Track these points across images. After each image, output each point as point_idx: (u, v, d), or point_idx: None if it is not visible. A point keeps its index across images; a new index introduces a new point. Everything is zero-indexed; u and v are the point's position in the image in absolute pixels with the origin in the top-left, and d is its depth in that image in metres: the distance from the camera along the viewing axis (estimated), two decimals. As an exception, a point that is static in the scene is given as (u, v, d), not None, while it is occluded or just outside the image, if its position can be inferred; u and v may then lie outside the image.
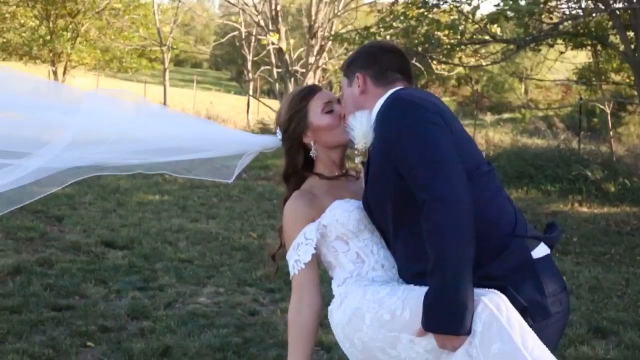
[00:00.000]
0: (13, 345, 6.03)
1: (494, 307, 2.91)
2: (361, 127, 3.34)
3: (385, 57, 3.46)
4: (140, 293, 7.65)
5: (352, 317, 3.23)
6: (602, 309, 7.88)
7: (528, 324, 2.98)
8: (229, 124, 24.95)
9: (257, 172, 15.65)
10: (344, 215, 3.37)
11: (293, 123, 3.57)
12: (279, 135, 3.65)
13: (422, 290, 3.02)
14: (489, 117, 29.92)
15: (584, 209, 13.69)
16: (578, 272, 9.34)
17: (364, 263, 3.37)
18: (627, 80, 19.96)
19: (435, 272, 2.94)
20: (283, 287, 7.95)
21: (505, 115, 34.42)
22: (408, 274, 3.24)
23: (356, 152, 3.41)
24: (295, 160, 3.61)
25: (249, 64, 29.87)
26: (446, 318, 2.92)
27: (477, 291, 2.96)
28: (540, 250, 3.22)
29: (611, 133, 19.23)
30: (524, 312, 3.00)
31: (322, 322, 3.52)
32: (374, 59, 3.45)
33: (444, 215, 2.93)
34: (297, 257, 3.40)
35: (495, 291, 2.98)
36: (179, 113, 4.11)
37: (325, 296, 3.40)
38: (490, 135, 21.36)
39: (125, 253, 9.11)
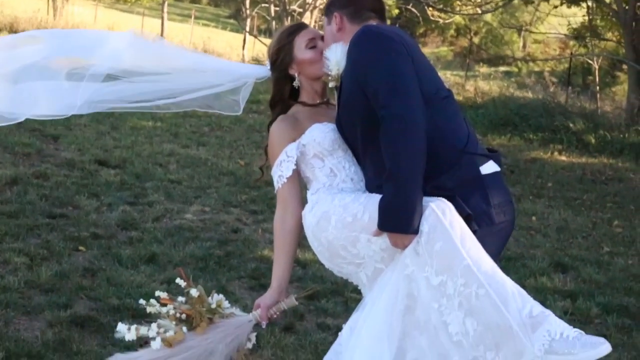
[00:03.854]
0: (10, 244, 6.48)
1: (439, 212, 3.35)
2: (335, 56, 3.77)
3: None
4: (130, 207, 8.10)
5: (321, 219, 3.67)
6: (566, 247, 8.33)
7: (473, 229, 3.42)
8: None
9: (248, 105, 15.76)
10: (320, 136, 3.81)
11: (280, 56, 3.99)
12: (269, 66, 4.08)
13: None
14: (484, 69, 30.18)
15: (563, 158, 14.10)
16: (548, 214, 9.78)
17: (336, 177, 3.81)
18: (619, 38, 20.34)
19: (389, 180, 3.38)
20: (266, 209, 8.43)
21: (502, 69, 34.61)
22: (374, 186, 3.65)
23: (330, 78, 3.86)
24: (281, 89, 4.04)
25: (247, 1, 29.99)
26: (398, 219, 3.36)
27: (427, 198, 3.40)
28: (489, 167, 3.63)
29: (597, 88, 19.58)
30: (468, 218, 3.44)
31: (300, 243, 4.00)
32: (351, 0, 3.87)
33: (400, 130, 3.36)
34: (280, 172, 3.86)
35: (443, 199, 3.42)
36: (173, 45, 4.41)
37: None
38: (481, 85, 21.71)
39: (117, 171, 9.52)
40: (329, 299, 6.12)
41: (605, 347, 3.19)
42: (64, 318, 5.25)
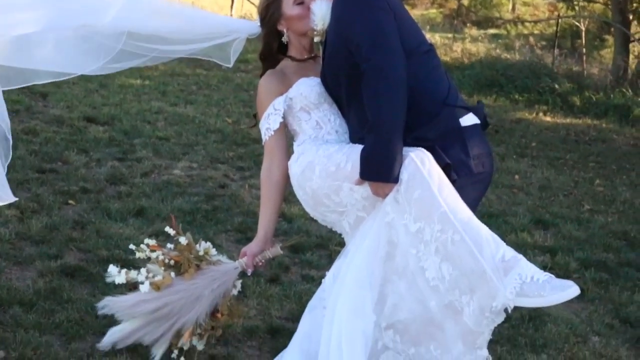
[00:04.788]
0: (0, 197, 6.57)
1: (418, 161, 3.48)
2: (320, 11, 3.90)
3: None
4: (119, 163, 8.18)
5: (305, 169, 3.81)
6: (548, 205, 8.46)
7: (452, 178, 3.56)
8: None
9: (236, 64, 15.78)
10: (307, 90, 3.94)
11: (269, 12, 4.12)
12: (259, 22, 4.19)
13: (364, 148, 3.61)
14: (473, 32, 30.11)
15: (548, 119, 14.19)
16: (531, 173, 9.89)
17: (321, 129, 3.94)
18: (607, 1, 20.39)
19: (371, 130, 3.51)
20: (253, 166, 8.54)
21: (490, 31, 34.51)
22: (357, 138, 3.78)
23: (315, 32, 3.99)
24: (270, 44, 4.17)
25: (237, -41, 29.78)
26: (378, 168, 3.50)
27: (407, 148, 3.53)
28: (469, 119, 3.77)
29: (584, 50, 19.65)
30: (448, 167, 3.57)
31: (286, 198, 4.12)
32: None
33: (381, 82, 3.49)
34: (268, 125, 4.00)
35: (422, 149, 3.55)
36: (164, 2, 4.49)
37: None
38: (468, 47, 21.73)
39: (106, 128, 9.58)
40: (314, 252, 6.25)
41: (573, 289, 3.35)
42: (54, 268, 5.37)
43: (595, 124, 13.99)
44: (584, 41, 20.13)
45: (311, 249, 6.29)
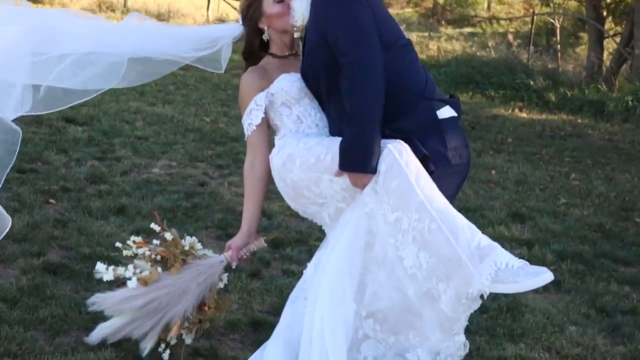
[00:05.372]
0: (-20, 197, 6.61)
1: (396, 152, 3.56)
2: (300, 8, 3.97)
3: None
4: (98, 162, 8.23)
5: (286, 161, 3.87)
6: (524, 199, 8.56)
7: (430, 169, 3.64)
8: (188, 19, 25.23)
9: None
10: (288, 85, 4.01)
11: (250, 10, 4.20)
12: (240, 21, 4.28)
13: (343, 140, 3.69)
14: (449, 30, 30.28)
15: (523, 115, 14.33)
16: (508, 168, 10.00)
17: (302, 123, 4.02)
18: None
19: (349, 122, 3.59)
20: (231, 164, 8.61)
21: (466, 30, 34.67)
22: (336, 131, 3.85)
23: (295, 29, 4.06)
24: (252, 42, 4.25)
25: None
26: (357, 159, 3.58)
27: (385, 140, 3.61)
28: (446, 112, 3.85)
29: (559, 47, 19.82)
30: (426, 159, 3.65)
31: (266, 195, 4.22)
32: None
33: (358, 75, 3.57)
34: (250, 120, 4.08)
35: (400, 141, 3.63)
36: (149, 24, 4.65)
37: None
38: (444, 45, 21.89)
39: (84, 128, 9.61)
40: (294, 247, 6.32)
41: (547, 275, 3.43)
42: (37, 265, 5.41)
43: (571, 119, 14.14)
44: (558, 38, 20.30)
45: (291, 244, 6.36)
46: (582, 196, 8.91)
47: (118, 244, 4.37)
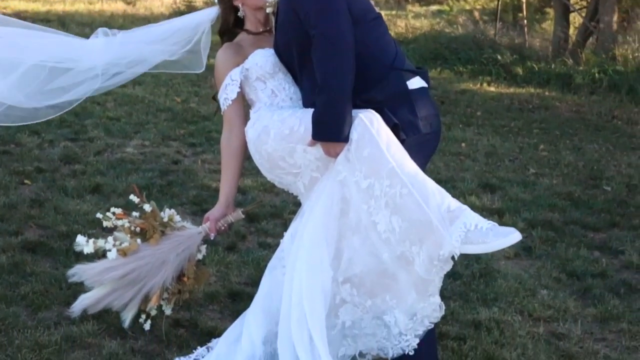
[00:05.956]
0: (-44, 180, 6.65)
1: (367, 121, 3.65)
2: None
3: None
4: (71, 143, 8.28)
5: (261, 133, 3.95)
6: (494, 170, 8.67)
7: (401, 138, 3.74)
8: (155, 1, 25.12)
9: (182, 45, 15.90)
10: (262, 60, 4.10)
11: None
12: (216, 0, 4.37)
13: (316, 111, 3.77)
14: (416, 8, 30.31)
15: (492, 89, 14.42)
16: (477, 140, 10.10)
17: (277, 97, 4.10)
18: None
19: (321, 93, 3.67)
20: (204, 142, 8.68)
21: (433, 7, 34.70)
22: (309, 103, 3.93)
23: (267, 4, 4.16)
24: (227, 20, 4.35)
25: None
26: (329, 129, 3.67)
27: (357, 110, 3.70)
28: (416, 82, 3.94)
29: (525, 21, 19.92)
30: (396, 128, 3.74)
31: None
32: None
33: (329, 47, 3.66)
34: (226, 95, 4.17)
35: (371, 110, 3.72)
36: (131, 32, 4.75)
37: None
38: (412, 22, 21.97)
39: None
40: (269, 220, 6.40)
41: (515, 235, 3.56)
42: (15, 244, 5.47)
43: (538, 92, 14.25)
44: (525, 13, 20.40)
45: (266, 218, 6.45)
46: (551, 166, 9.03)
47: (98, 215, 4.44)
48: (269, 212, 6.57)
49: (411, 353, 3.82)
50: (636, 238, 6.64)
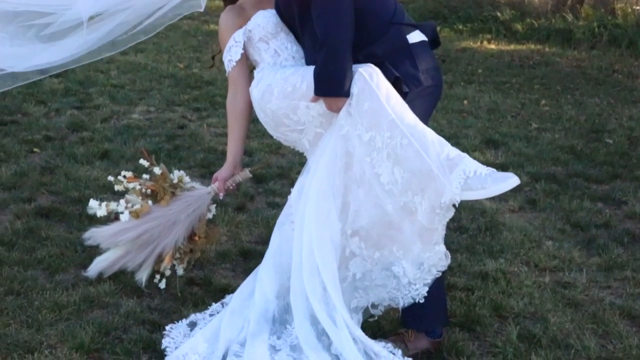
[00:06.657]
0: (-34, 150, 6.75)
1: (367, 75, 3.74)
2: None
3: None
4: (77, 111, 8.38)
5: (265, 92, 4.03)
6: (497, 126, 8.73)
7: (403, 91, 3.82)
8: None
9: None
10: (264, 21, 4.17)
11: None
12: None
13: (318, 68, 3.85)
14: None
15: (492, 46, 14.42)
16: (479, 98, 10.15)
17: (279, 56, 4.17)
18: None
19: (321, 48, 3.76)
20: (209, 107, 8.77)
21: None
22: (312, 61, 4.00)
23: (267, -35, 4.22)
24: None
25: None
26: (330, 84, 3.75)
27: (357, 65, 3.79)
28: (416, 36, 4.01)
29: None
30: (398, 81, 3.82)
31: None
32: None
33: (328, 3, 3.73)
34: (230, 57, 4.24)
35: (371, 65, 3.81)
36: None
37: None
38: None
39: (60, 80, 9.66)
40: (276, 181, 6.50)
41: (513, 180, 3.65)
42: (29, 210, 5.59)
43: (539, 48, 14.25)
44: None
45: (273, 178, 6.55)
46: (552, 121, 9.09)
47: (110, 178, 4.53)
48: (275, 173, 6.67)
49: (422, 301, 3.92)
50: (638, 189, 6.73)
